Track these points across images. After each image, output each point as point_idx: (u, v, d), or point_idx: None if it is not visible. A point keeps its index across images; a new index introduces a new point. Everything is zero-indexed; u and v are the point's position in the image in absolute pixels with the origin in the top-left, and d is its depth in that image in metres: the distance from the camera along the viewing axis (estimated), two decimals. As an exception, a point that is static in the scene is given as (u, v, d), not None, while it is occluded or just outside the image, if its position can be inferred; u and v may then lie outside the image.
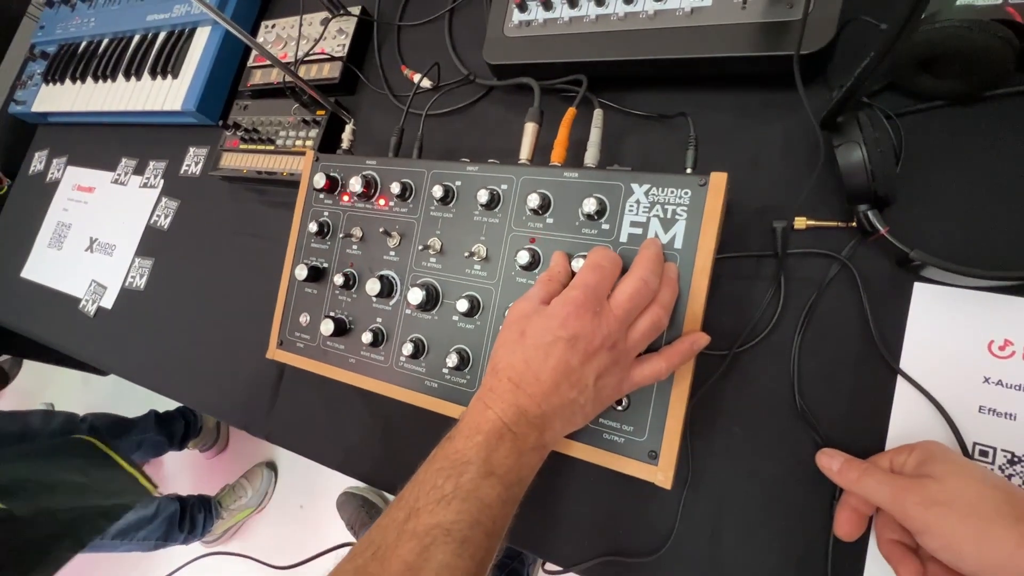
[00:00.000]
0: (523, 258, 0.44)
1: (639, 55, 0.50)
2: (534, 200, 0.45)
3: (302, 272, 0.55)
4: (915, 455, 0.36)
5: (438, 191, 0.49)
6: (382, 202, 0.54)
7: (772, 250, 0.46)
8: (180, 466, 1.78)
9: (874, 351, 0.42)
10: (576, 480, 0.48)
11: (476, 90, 0.65)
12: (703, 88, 0.52)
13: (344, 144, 0.61)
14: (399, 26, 0.73)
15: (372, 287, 0.51)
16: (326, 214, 0.57)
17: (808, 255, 0.45)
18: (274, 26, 0.80)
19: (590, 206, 0.43)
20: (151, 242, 0.84)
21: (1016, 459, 0.37)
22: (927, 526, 0.32)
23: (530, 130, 0.50)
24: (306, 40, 0.75)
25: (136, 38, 0.93)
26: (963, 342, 0.40)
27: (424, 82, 0.65)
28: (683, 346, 0.39)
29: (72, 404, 1.48)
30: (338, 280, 0.53)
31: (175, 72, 0.85)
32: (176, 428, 1.60)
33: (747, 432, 0.45)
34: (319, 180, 0.55)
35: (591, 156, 0.47)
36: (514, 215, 0.47)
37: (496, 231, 0.48)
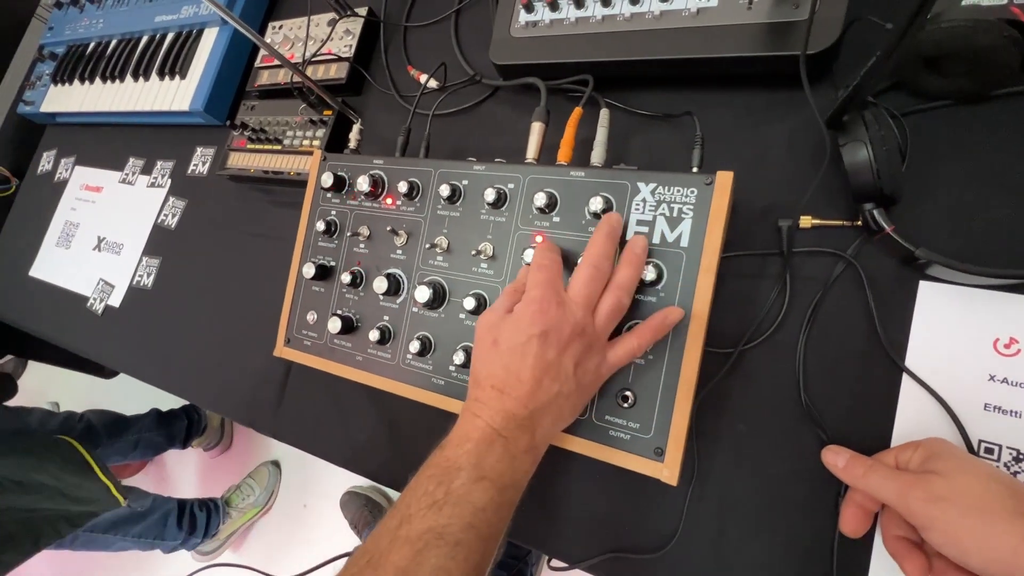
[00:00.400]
0: (529, 256, 0.45)
1: (645, 55, 0.50)
2: (541, 199, 0.45)
3: (309, 270, 0.55)
4: (920, 452, 0.36)
5: (445, 190, 0.50)
6: (389, 201, 0.54)
7: (778, 249, 0.46)
8: (184, 465, 1.78)
9: (879, 349, 0.42)
10: (582, 477, 0.49)
11: (482, 90, 0.65)
12: (708, 88, 0.53)
13: (351, 144, 0.61)
14: (406, 27, 0.73)
15: (379, 285, 0.51)
16: (333, 213, 0.57)
17: (813, 254, 0.45)
18: (281, 27, 0.81)
19: (596, 205, 0.43)
20: (158, 241, 0.85)
21: (1021, 456, 0.37)
22: (932, 522, 0.33)
23: (536, 129, 0.50)
24: (313, 41, 0.75)
25: (144, 39, 0.94)
26: (968, 340, 0.40)
27: (431, 82, 0.65)
28: (654, 322, 0.40)
29: (78, 404, 1.49)
30: (345, 278, 0.54)
31: (183, 73, 0.86)
32: (178, 427, 1.59)
33: (752, 429, 0.45)
34: (327, 179, 0.56)
35: (597, 155, 0.47)
36: (521, 214, 0.48)
37: (503, 230, 0.48)
